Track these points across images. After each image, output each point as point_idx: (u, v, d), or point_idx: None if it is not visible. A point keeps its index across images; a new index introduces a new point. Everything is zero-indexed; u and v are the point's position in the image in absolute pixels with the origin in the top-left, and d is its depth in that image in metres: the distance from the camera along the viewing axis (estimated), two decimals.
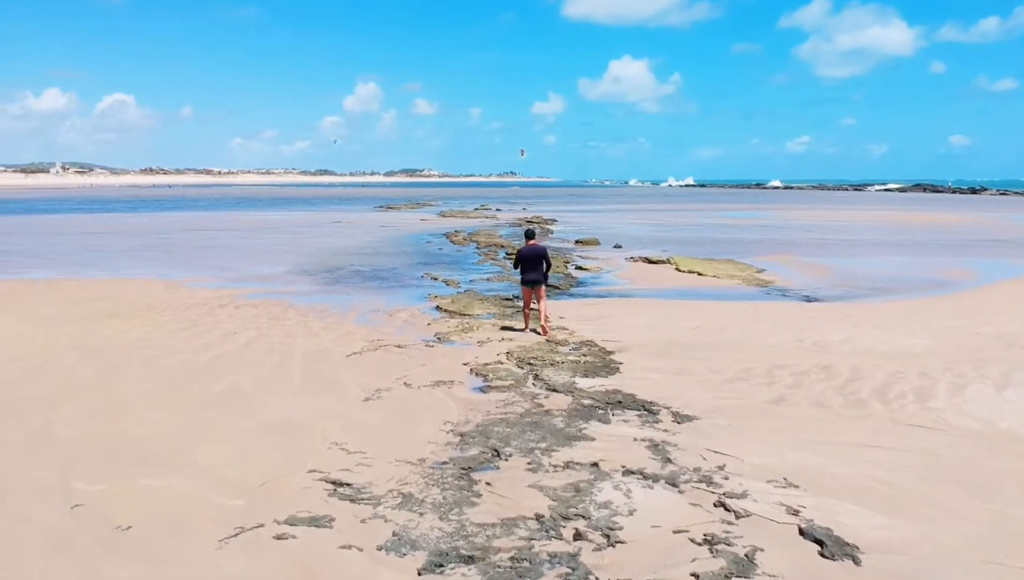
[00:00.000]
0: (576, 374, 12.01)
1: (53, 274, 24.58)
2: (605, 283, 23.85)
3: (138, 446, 8.60)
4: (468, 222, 55.25)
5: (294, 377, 11.69)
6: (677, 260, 29.05)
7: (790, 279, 25.00)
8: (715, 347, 14.23)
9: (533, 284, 15.11)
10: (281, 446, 8.68)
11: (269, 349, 13.55)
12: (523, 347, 13.83)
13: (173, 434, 9.02)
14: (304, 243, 37.01)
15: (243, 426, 9.36)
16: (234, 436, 9.01)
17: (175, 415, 9.76)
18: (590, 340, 14.63)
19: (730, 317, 17.33)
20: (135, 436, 8.93)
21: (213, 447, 8.61)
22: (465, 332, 15.23)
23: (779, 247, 36.74)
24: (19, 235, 41.49)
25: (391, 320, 16.64)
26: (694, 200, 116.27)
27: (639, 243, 38.67)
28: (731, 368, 12.62)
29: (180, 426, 9.33)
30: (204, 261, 28.70)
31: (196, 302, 18.61)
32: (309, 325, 15.83)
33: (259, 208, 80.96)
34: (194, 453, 8.40)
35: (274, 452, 8.50)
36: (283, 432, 9.17)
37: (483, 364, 12.54)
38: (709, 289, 22.61)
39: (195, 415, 9.77)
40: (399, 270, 26.05)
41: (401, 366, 12.44)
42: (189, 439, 8.86)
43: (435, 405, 10.32)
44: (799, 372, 12.41)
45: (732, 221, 60.71)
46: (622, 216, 67.79)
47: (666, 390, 11.23)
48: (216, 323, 15.93)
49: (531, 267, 15.06)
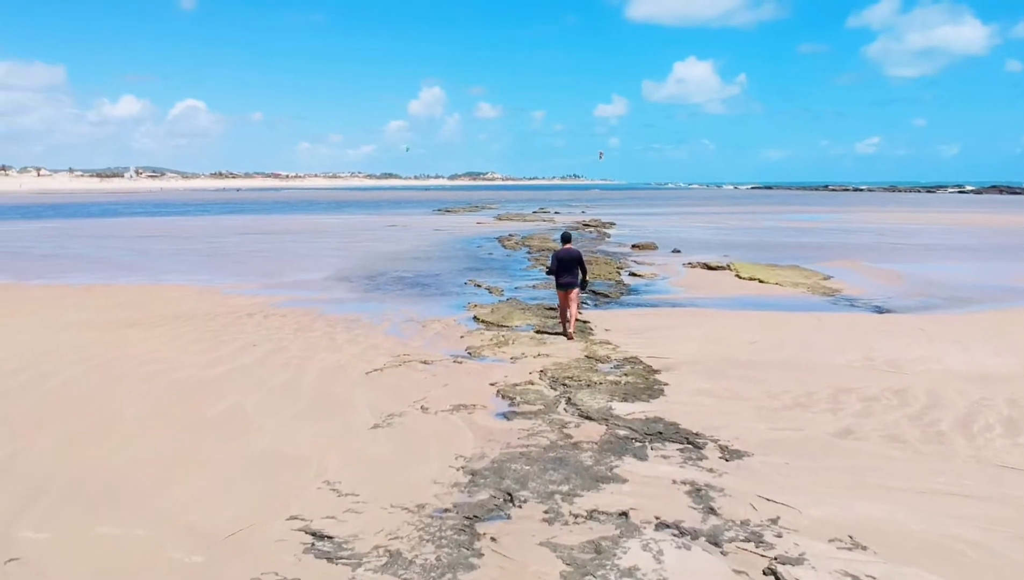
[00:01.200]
0: (614, 397, 10.75)
1: (96, 278, 24.19)
2: (658, 291, 22.47)
3: (107, 483, 7.62)
4: (524, 226, 54.10)
5: (302, 398, 10.66)
6: (738, 266, 27.47)
7: (859, 287, 23.27)
8: (774, 366, 12.82)
9: (568, 287, 14.89)
10: (266, 484, 7.62)
11: (285, 364, 12.57)
12: (559, 365, 12.60)
13: (150, 467, 8.03)
14: (353, 247, 36.30)
15: (231, 457, 8.34)
16: (217, 470, 7.98)
17: (160, 442, 8.78)
18: (634, 356, 13.33)
19: (792, 330, 15.85)
20: (107, 469, 7.96)
21: (190, 484, 7.59)
22: (499, 346, 14.07)
23: (847, 252, 34.76)
24: (79, 238, 41.71)
25: (423, 332, 15.57)
26: (758, 202, 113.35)
27: (699, 247, 37.07)
28: (791, 392, 11.22)
29: (161, 457, 8.34)
30: (248, 266, 28.09)
31: (225, 310, 17.81)
32: (335, 337, 14.84)
33: (318, 211, 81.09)
34: (166, 492, 7.39)
35: (256, 492, 7.44)
36: (273, 465, 8.12)
37: (512, 384, 11.35)
38: (771, 298, 21.07)
39: (182, 443, 8.78)
40: (443, 276, 25.01)
41: (422, 386, 11.32)
42: (167, 473, 7.86)
43: (450, 434, 9.17)
44: (869, 397, 10.96)
45: (798, 224, 58.42)
46: (683, 219, 65.94)
47: (715, 418, 9.90)
48: (238, 334, 15.05)
49: (566, 271, 14.87)
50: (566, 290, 14.91)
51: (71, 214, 72.50)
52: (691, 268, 28.00)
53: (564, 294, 14.99)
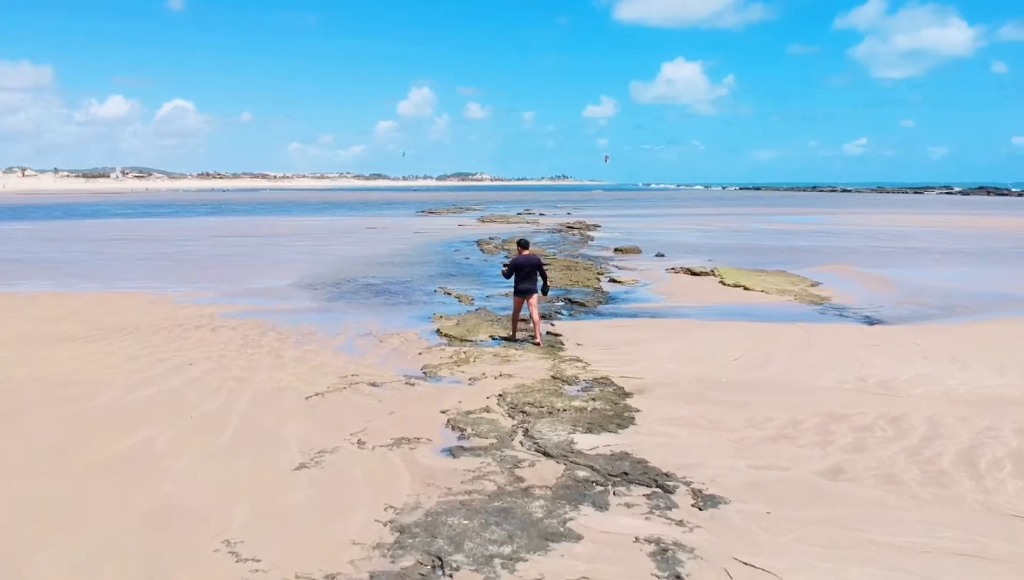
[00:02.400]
0: (577, 428, 9.59)
1: (48, 286, 22.90)
2: (638, 299, 21.33)
3: None
4: (506, 228, 52.91)
5: (226, 430, 9.46)
6: (722, 272, 26.37)
7: (848, 295, 22.18)
8: (757, 387, 11.70)
9: (527, 294, 14.63)
10: (151, 549, 6.42)
11: (217, 387, 11.36)
12: (521, 387, 11.43)
13: (17, 527, 6.81)
14: (327, 251, 35.06)
15: (119, 511, 7.13)
16: (97, 530, 6.78)
17: (43, 490, 7.58)
18: (605, 376, 12.19)
19: (778, 345, 14.75)
20: None
21: (56, 552, 6.38)
22: (458, 365, 12.89)
23: (836, 256, 33.71)
24: (45, 241, 40.32)
25: (379, 347, 14.38)
26: (747, 204, 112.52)
27: (684, 251, 36.01)
28: (775, 419, 10.09)
29: (36, 511, 7.13)
30: (212, 272, 26.82)
31: (172, 322, 16.58)
32: (282, 354, 13.64)
33: (300, 213, 79.77)
34: (25, 565, 6.18)
35: (136, 557, 6.25)
36: (168, 521, 6.92)
37: (465, 412, 10.18)
38: (756, 307, 19.97)
39: (68, 490, 7.57)
40: (413, 284, 23.80)
41: (364, 414, 10.14)
42: (36, 534, 6.66)
43: (383, 477, 7.99)
44: (861, 426, 9.85)
45: (786, 226, 57.46)
46: (670, 221, 64.92)
47: (689, 453, 8.76)
48: (178, 350, 13.84)
49: (525, 277, 14.60)
50: (524, 297, 14.67)
51: (46, 216, 70.98)
52: (674, 274, 26.90)
53: (520, 301, 14.77)
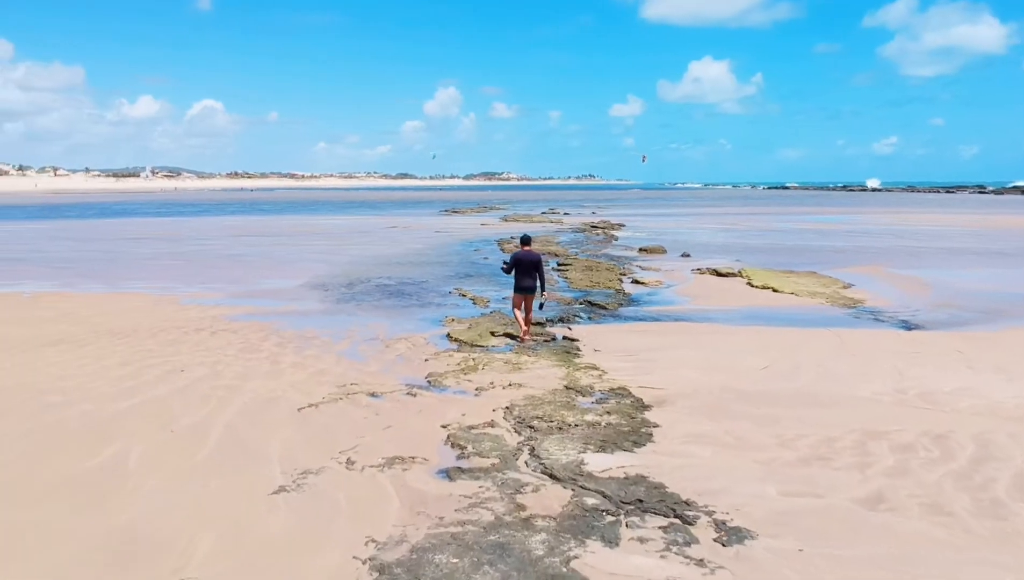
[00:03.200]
0: (589, 446, 8.74)
1: (53, 285, 22.39)
2: (661, 302, 20.41)
3: None
4: (530, 227, 52.01)
5: (206, 446, 8.71)
6: (750, 272, 25.36)
7: (883, 297, 21.13)
8: (787, 400, 10.79)
9: (527, 291, 14.53)
10: None
11: (206, 397, 10.63)
12: (531, 398, 10.60)
13: None
14: (343, 251, 34.40)
15: (69, 539, 6.39)
16: (45, 561, 6.03)
17: None
18: (623, 387, 11.32)
19: (809, 352, 13.81)
20: None
21: None
22: (466, 373, 12.08)
23: (868, 256, 32.56)
24: (63, 240, 40.02)
25: (385, 353, 13.61)
26: (775, 203, 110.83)
27: (710, 251, 35.00)
28: (808, 437, 9.19)
29: None
30: (223, 271, 26.23)
31: (173, 325, 15.92)
32: (280, 359, 12.91)
33: (324, 212, 79.42)
34: None
35: None
36: (121, 554, 6.16)
37: (467, 427, 9.37)
38: (785, 310, 18.98)
39: (21, 514, 6.84)
40: (428, 284, 23.04)
41: (358, 428, 9.36)
42: None
43: (369, 504, 7.19)
44: (903, 445, 8.92)
45: (815, 226, 56.13)
46: (697, 220, 63.76)
47: (712, 477, 7.89)
48: (173, 355, 13.15)
49: (526, 273, 14.49)
50: (523, 294, 14.56)
51: (72, 215, 71.12)
52: (700, 274, 25.94)
53: (521, 298, 14.62)
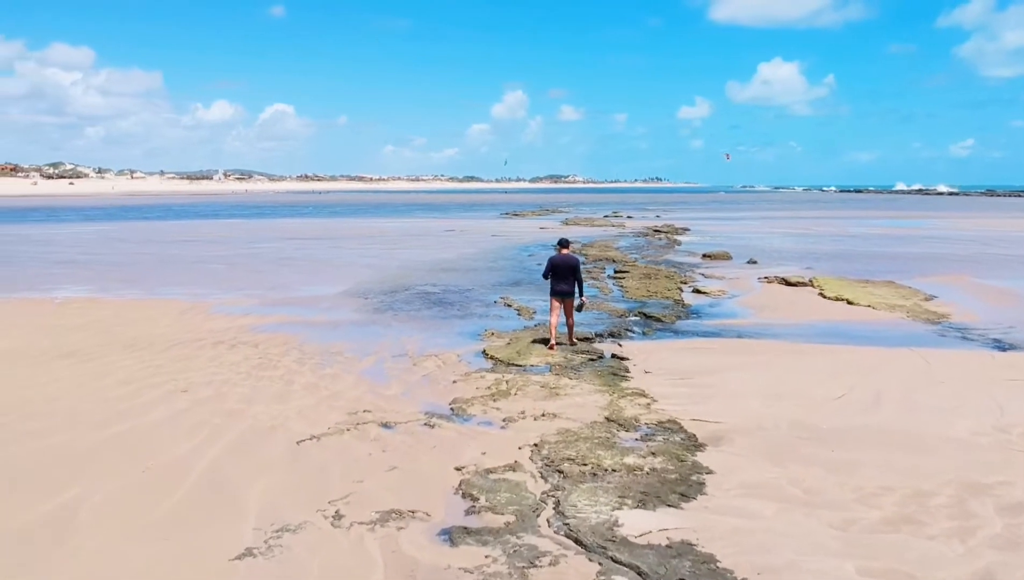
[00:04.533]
0: (626, 500, 7.29)
1: (87, 291, 21.78)
2: (724, 314, 18.73)
3: None
4: (590, 231, 50.52)
5: (180, 489, 7.49)
6: (822, 282, 23.46)
7: (970, 311, 19.09)
8: (866, 439, 9.17)
9: (563, 296, 14.09)
10: None
11: (200, 425, 9.47)
12: (565, 434, 9.17)
13: None
14: (394, 255, 33.35)
15: None
16: None
17: None
18: (674, 419, 9.83)
19: (891, 377, 12.11)
20: None
21: None
22: (495, 398, 10.71)
23: (951, 265, 30.20)
24: (115, 242, 39.95)
25: (410, 372, 12.33)
26: (847, 206, 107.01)
27: (779, 257, 33.01)
28: (894, 491, 7.59)
29: None
30: (264, 277, 25.34)
31: (194, 336, 14.92)
32: (294, 380, 11.72)
33: (385, 214, 79.02)
34: None
35: None
36: None
37: (485, 471, 7.99)
38: (862, 326, 17.15)
39: None
40: (474, 292, 21.73)
41: (358, 469, 8.05)
42: None
43: (348, 574, 5.86)
44: (1012, 505, 7.29)
45: (891, 231, 53.32)
46: (765, 225, 61.28)
47: (776, 548, 6.37)
48: (181, 372, 12.08)
49: (562, 278, 14.08)
50: (561, 298, 14.08)
51: (136, 216, 71.95)
52: (767, 283, 24.11)
53: (559, 302, 14.10)
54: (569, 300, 14.09)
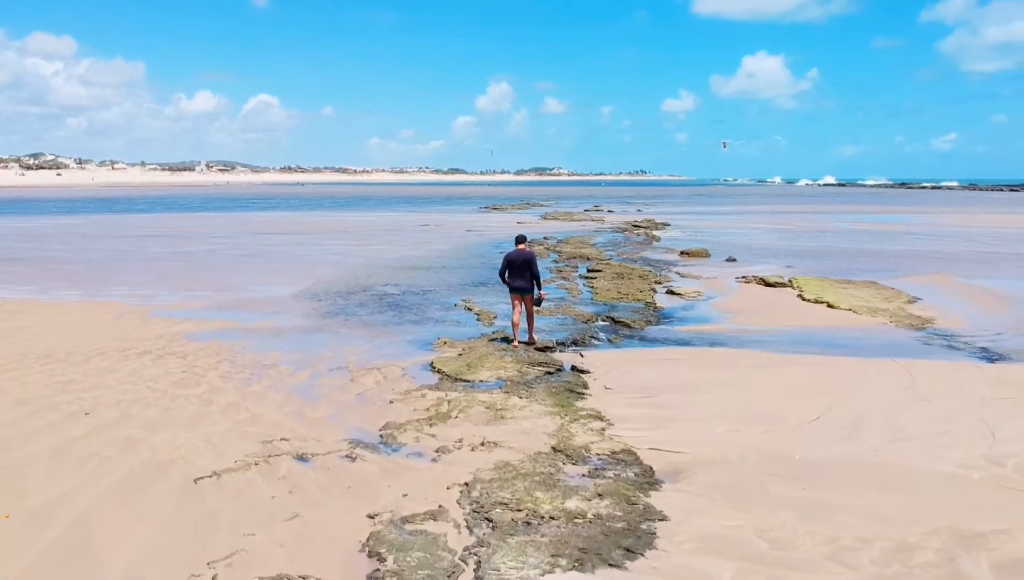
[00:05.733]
0: (560, 559, 6.18)
1: (26, 291, 20.50)
2: (697, 318, 17.64)
3: None
4: (568, 226, 49.41)
5: (33, 547, 6.32)
6: (801, 282, 22.45)
7: (955, 315, 18.07)
8: (844, 473, 8.11)
9: (521, 292, 13.96)
10: None
11: (88, 457, 8.31)
12: (504, 468, 8.05)
13: None
14: (361, 252, 32.10)
15: None
16: None
17: None
18: (629, 448, 8.75)
19: (873, 394, 11.08)
20: None
21: None
22: (432, 423, 9.58)
23: (934, 263, 29.25)
24: (72, 238, 38.48)
25: (346, 389, 11.18)
26: (832, 201, 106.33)
27: (759, 254, 32.03)
28: (873, 543, 6.55)
29: None
30: (219, 276, 24.10)
31: (120, 346, 13.71)
32: (213, 399, 10.55)
33: (362, 208, 77.75)
34: None
35: None
36: None
37: (401, 520, 6.86)
38: (843, 332, 16.11)
39: None
40: (435, 294, 20.55)
41: (254, 517, 6.91)
42: None
43: None
44: (1010, 562, 6.24)
45: (875, 226, 52.46)
46: (747, 219, 60.36)
47: None
48: (92, 389, 10.90)
49: (517, 273, 13.93)
50: (520, 295, 13.95)
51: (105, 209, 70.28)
52: (745, 283, 23.09)
53: (519, 300, 13.99)
54: (529, 296, 13.96)
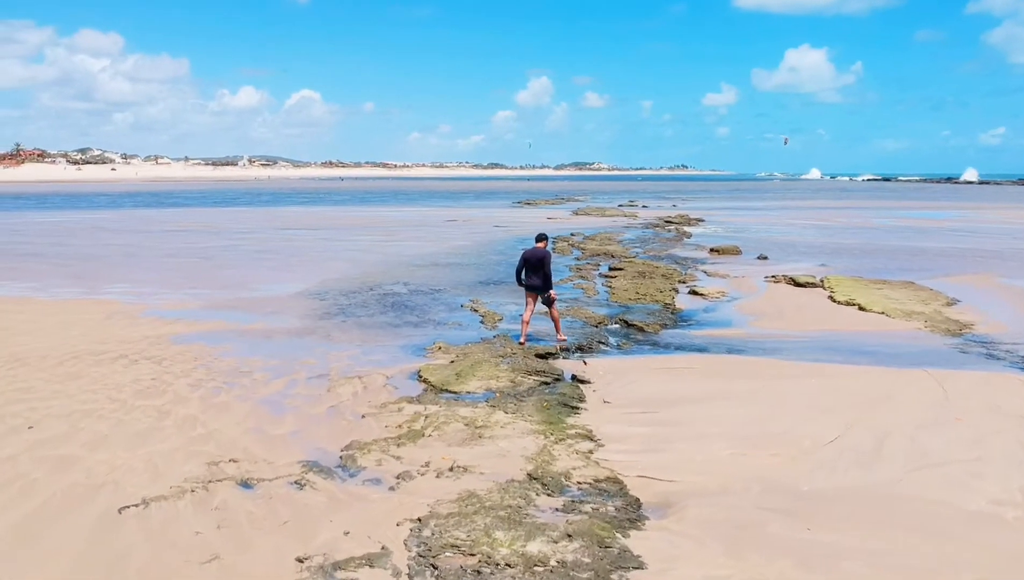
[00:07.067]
0: None
1: (29, 287, 20.04)
2: (716, 322, 16.52)
3: None
4: (598, 222, 48.27)
5: None
6: (833, 282, 21.21)
7: (995, 320, 16.73)
8: (857, 512, 7.06)
9: (534, 290, 13.90)
10: None
11: (14, 479, 7.55)
12: (465, 500, 7.11)
13: None
14: (380, 249, 31.32)
15: None
16: None
17: None
18: (615, 476, 7.77)
19: (898, 411, 9.98)
20: None
21: None
22: (401, 443, 8.67)
23: (975, 262, 27.64)
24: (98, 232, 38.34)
25: (320, 401, 10.34)
26: (874, 196, 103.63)
27: (792, 252, 30.71)
28: None
29: None
30: (226, 273, 23.47)
31: (98, 349, 13.03)
32: (172, 411, 9.77)
33: (395, 202, 77.20)
34: None
35: None
36: None
37: (333, 565, 5.97)
38: (872, 338, 14.93)
39: None
40: (444, 293, 19.66)
41: (168, 560, 6.06)
42: None
43: None
44: None
45: (917, 222, 50.55)
46: (785, 215, 58.60)
47: None
48: (52, 397, 10.19)
49: (532, 272, 13.87)
50: (534, 293, 13.93)
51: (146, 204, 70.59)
52: (773, 283, 21.88)
53: (533, 297, 13.97)
54: (543, 295, 13.91)
